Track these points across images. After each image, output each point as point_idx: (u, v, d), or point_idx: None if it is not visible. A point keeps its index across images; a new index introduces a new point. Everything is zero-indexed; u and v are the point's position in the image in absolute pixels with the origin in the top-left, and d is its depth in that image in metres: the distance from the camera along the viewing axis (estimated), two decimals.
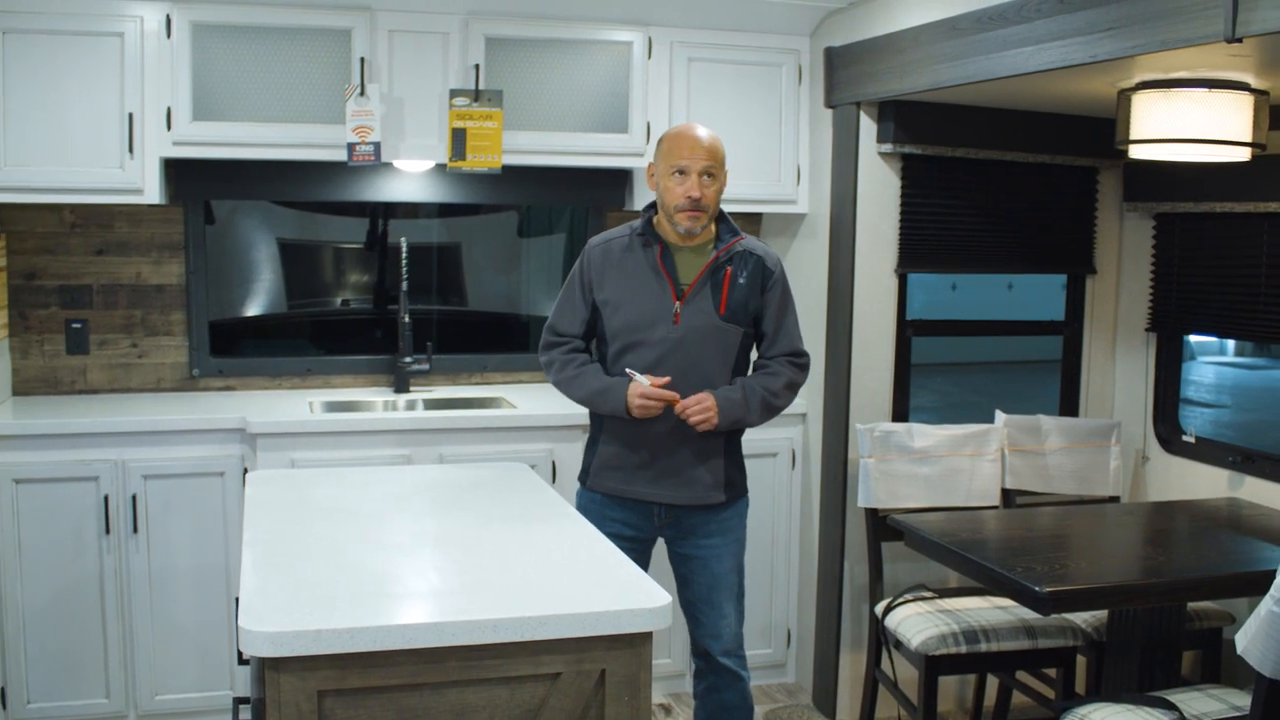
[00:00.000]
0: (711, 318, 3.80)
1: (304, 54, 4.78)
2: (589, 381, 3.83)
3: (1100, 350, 5.46)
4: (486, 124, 4.84)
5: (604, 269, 3.86)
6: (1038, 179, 5.24)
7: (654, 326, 3.77)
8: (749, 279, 3.84)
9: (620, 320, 3.81)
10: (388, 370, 5.50)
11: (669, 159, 3.78)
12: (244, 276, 5.64)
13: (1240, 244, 4.83)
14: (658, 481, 3.84)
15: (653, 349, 3.77)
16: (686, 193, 3.73)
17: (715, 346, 3.81)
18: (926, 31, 4.37)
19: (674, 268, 3.81)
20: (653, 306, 3.79)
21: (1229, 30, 3.11)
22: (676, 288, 3.80)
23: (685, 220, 3.75)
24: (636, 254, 3.85)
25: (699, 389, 3.78)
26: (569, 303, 3.92)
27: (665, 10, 5.01)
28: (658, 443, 3.81)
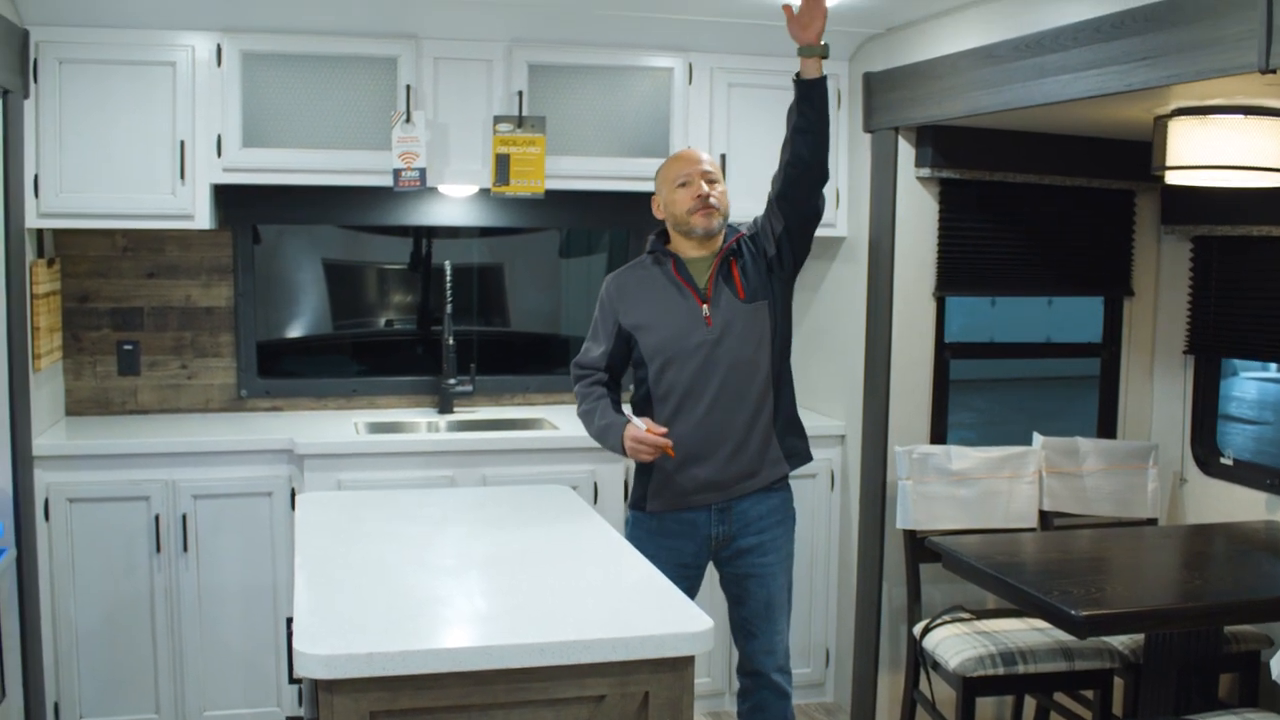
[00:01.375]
0: (738, 307, 3.86)
1: (351, 82, 4.88)
2: (595, 418, 3.92)
3: (1138, 372, 5.48)
4: (529, 149, 4.92)
5: (625, 296, 3.95)
6: (1075, 202, 5.27)
7: (690, 334, 3.84)
8: (750, 257, 3.92)
9: (656, 338, 3.88)
10: (432, 391, 5.59)
11: (670, 178, 3.91)
12: (290, 297, 5.74)
13: (1277, 267, 4.84)
14: (719, 471, 3.88)
15: (694, 356, 3.84)
16: (694, 194, 3.83)
17: (751, 332, 3.87)
18: (964, 58, 4.41)
19: (690, 277, 3.89)
20: (683, 316, 3.85)
21: (1263, 61, 3.14)
22: (699, 293, 3.87)
23: (700, 219, 3.84)
24: (653, 274, 3.94)
25: (748, 379, 3.85)
26: (593, 336, 4.01)
27: (705, 37, 5.08)
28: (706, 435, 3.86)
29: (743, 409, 3.87)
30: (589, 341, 4.02)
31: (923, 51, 4.71)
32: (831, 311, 5.49)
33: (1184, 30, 3.40)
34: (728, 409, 3.85)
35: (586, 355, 4.00)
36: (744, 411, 3.87)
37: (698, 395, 3.84)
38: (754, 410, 3.89)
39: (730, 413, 3.86)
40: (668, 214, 3.93)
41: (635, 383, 3.99)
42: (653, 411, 3.90)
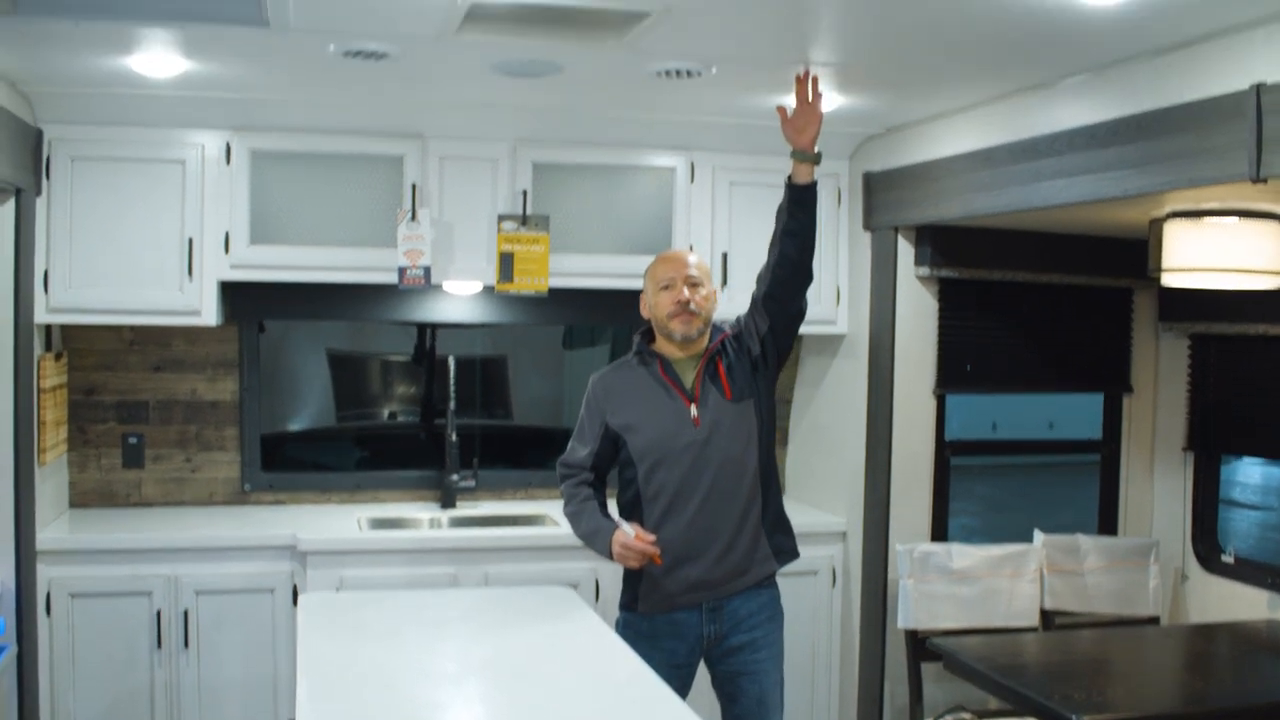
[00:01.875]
0: (725, 406, 3.87)
1: (358, 180, 4.95)
2: (583, 522, 3.92)
3: (1138, 468, 5.49)
4: (534, 248, 4.98)
5: (612, 396, 3.96)
6: (1073, 300, 5.32)
7: (678, 435, 3.85)
8: (735, 356, 3.94)
9: (644, 439, 3.88)
10: (435, 486, 5.60)
11: (655, 279, 3.93)
12: (294, 388, 5.78)
13: (1276, 365, 4.87)
14: (710, 571, 3.87)
15: (683, 456, 3.84)
16: (675, 299, 3.85)
17: (739, 431, 3.88)
18: (961, 161, 4.48)
19: (678, 377, 3.91)
20: (671, 417, 3.86)
21: (1254, 171, 3.20)
22: (686, 393, 3.88)
23: (679, 325, 3.85)
24: (639, 374, 3.95)
25: (738, 478, 3.85)
26: (579, 436, 4.00)
27: (707, 136, 5.15)
28: (696, 535, 3.86)
29: (732, 508, 3.87)
30: (574, 441, 4.02)
31: (921, 153, 4.78)
32: (832, 408, 5.51)
33: (1176, 139, 3.46)
34: (717, 509, 3.85)
35: (573, 455, 4.00)
36: (733, 511, 3.87)
37: (688, 495, 3.84)
38: (743, 509, 3.89)
39: (720, 512, 3.86)
40: (652, 314, 3.96)
41: (622, 483, 3.98)
42: (642, 512, 3.89)
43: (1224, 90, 3.30)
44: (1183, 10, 3.15)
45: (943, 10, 3.25)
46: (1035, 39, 3.50)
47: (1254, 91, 3.17)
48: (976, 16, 3.29)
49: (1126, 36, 3.45)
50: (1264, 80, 3.16)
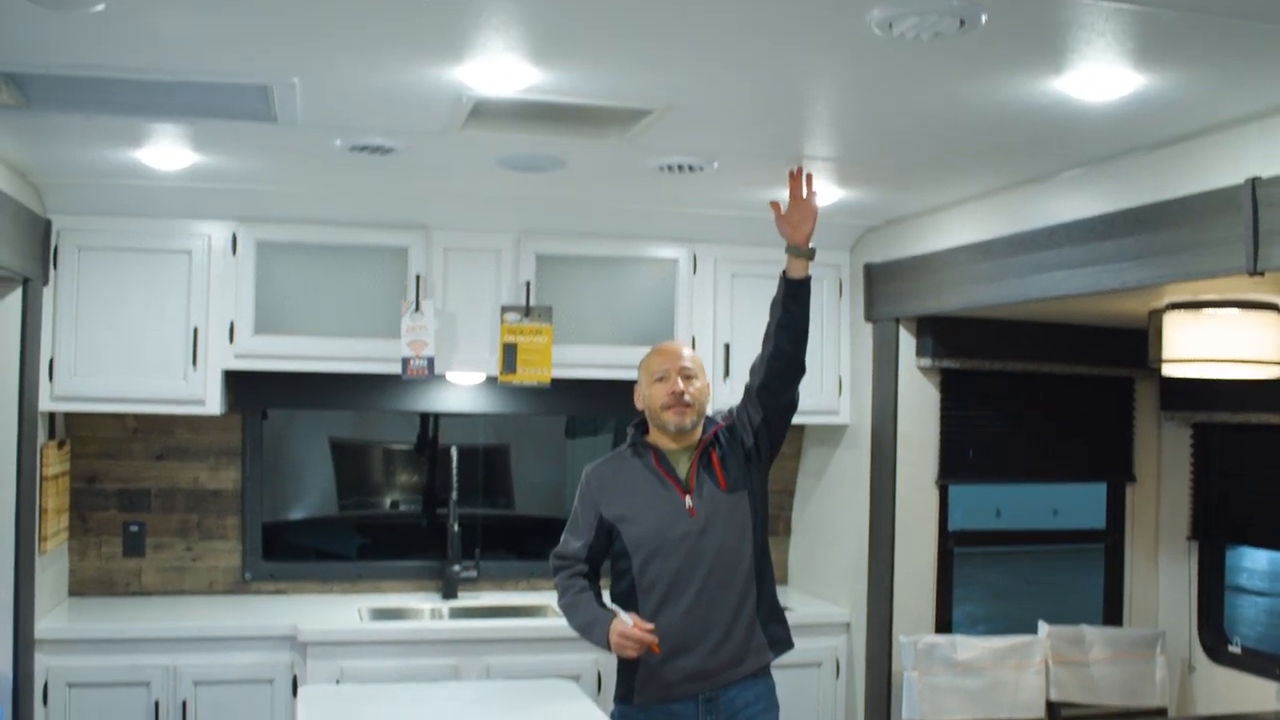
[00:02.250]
0: (720, 497, 3.86)
1: (362, 271, 4.99)
2: (579, 612, 3.87)
3: (1143, 558, 5.48)
4: (536, 339, 5.00)
5: (606, 488, 3.94)
6: (1075, 389, 5.34)
7: (673, 525, 3.82)
8: (729, 447, 3.93)
9: (639, 530, 3.86)
10: (436, 576, 5.57)
11: (650, 371, 3.94)
12: (296, 475, 5.78)
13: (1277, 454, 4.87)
14: (706, 661, 3.83)
15: (679, 547, 3.81)
16: (669, 390, 3.85)
17: (733, 522, 3.87)
18: (961, 253, 4.51)
19: (672, 468, 3.90)
20: (666, 508, 3.85)
21: (1251, 265, 3.23)
22: (681, 484, 3.88)
23: (673, 416, 3.85)
24: (633, 466, 3.93)
25: (733, 568, 3.84)
26: (573, 527, 3.98)
27: (709, 228, 5.19)
28: (692, 626, 3.83)
29: (728, 599, 3.85)
30: (568, 533, 3.99)
31: (921, 245, 4.82)
32: (835, 499, 5.50)
33: (1173, 232, 3.49)
34: (713, 599, 3.83)
35: (566, 547, 3.97)
36: (729, 601, 3.85)
37: (683, 586, 3.82)
38: (739, 599, 3.86)
39: (716, 603, 3.83)
40: (646, 405, 3.97)
41: (616, 574, 3.96)
42: (637, 603, 3.86)
43: (1219, 184, 3.33)
44: (1177, 107, 3.19)
45: (939, 107, 3.30)
46: (1033, 135, 3.55)
47: (1249, 185, 3.21)
48: (973, 113, 3.33)
49: (1122, 132, 3.49)
50: (1259, 174, 3.20)
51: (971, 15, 2.51)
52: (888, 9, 2.50)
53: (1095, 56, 2.80)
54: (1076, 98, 3.12)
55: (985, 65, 2.90)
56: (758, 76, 3.07)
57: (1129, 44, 2.70)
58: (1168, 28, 2.58)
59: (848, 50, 2.81)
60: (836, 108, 3.38)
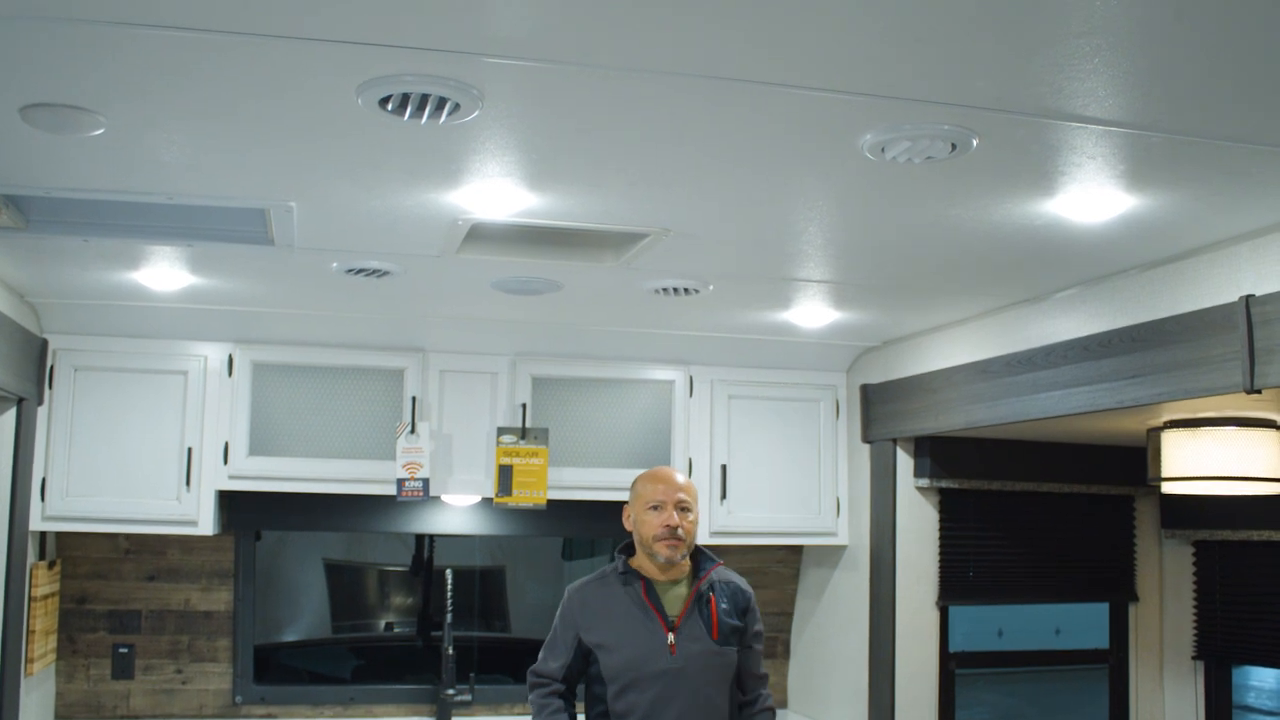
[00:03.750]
0: (707, 644, 3.85)
1: (358, 392, 4.99)
2: None
3: (1148, 678, 5.41)
4: (532, 460, 4.98)
5: (588, 612, 3.91)
6: (1075, 508, 5.31)
7: (651, 660, 3.80)
8: (730, 604, 3.93)
9: (618, 660, 3.83)
10: (430, 700, 5.49)
11: (644, 498, 3.93)
12: (290, 597, 5.72)
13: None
14: None
15: (654, 682, 3.79)
16: (664, 522, 3.85)
17: (715, 672, 3.86)
18: (958, 373, 4.51)
19: (659, 601, 3.88)
20: (647, 642, 3.82)
21: (1248, 382, 3.22)
22: (666, 620, 3.85)
23: (665, 549, 3.85)
24: (618, 593, 3.91)
25: (707, 713, 3.82)
26: (553, 647, 3.96)
27: (705, 350, 5.20)
28: None
29: None
30: (546, 651, 3.97)
31: (918, 365, 4.82)
32: (834, 620, 5.45)
33: (1169, 350, 3.50)
34: None
35: (544, 665, 3.95)
36: None
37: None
38: None
39: None
40: (636, 532, 3.96)
41: (591, 698, 3.93)
42: None
43: (1214, 303, 3.34)
44: (1169, 227, 3.21)
45: (933, 230, 3.32)
46: (1027, 255, 3.56)
47: (1243, 303, 3.22)
48: (967, 235, 3.35)
49: (1116, 252, 3.51)
50: (1253, 292, 3.21)
51: (963, 140, 2.53)
52: (880, 134, 2.52)
53: (1086, 179, 2.82)
54: (1069, 219, 3.14)
55: (978, 188, 2.92)
56: (752, 200, 3.09)
57: (1120, 166, 2.72)
58: (1157, 150, 2.61)
59: (841, 175, 2.84)
60: (830, 231, 3.40)
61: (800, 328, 4.78)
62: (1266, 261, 3.22)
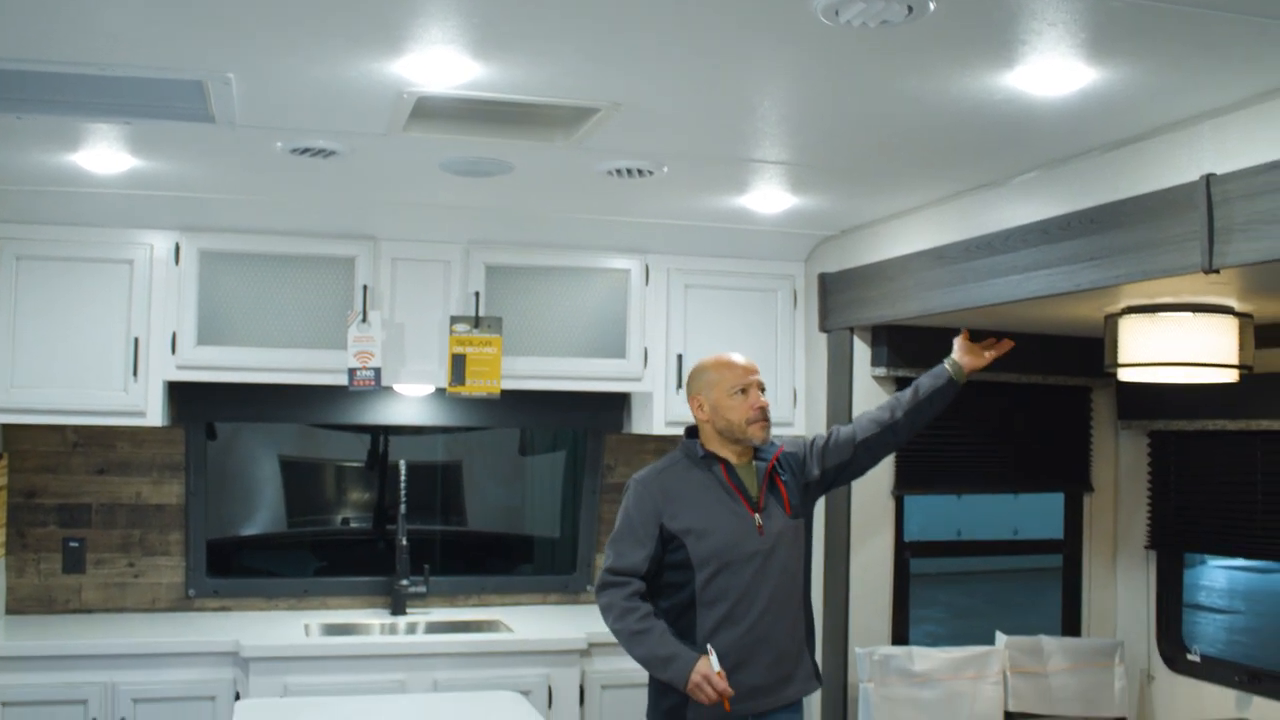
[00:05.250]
0: (784, 520, 3.86)
1: (308, 281, 4.91)
2: (653, 644, 3.72)
3: (1101, 567, 5.44)
4: (486, 349, 4.92)
5: (670, 498, 3.83)
6: (1032, 399, 5.30)
7: (743, 543, 3.78)
8: (792, 476, 3.94)
9: (709, 545, 3.77)
10: (385, 592, 5.48)
11: (724, 384, 3.88)
12: (245, 493, 5.67)
13: (1234, 461, 4.85)
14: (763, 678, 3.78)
15: (747, 564, 3.77)
16: (754, 404, 3.85)
17: (794, 547, 3.89)
18: (916, 260, 4.47)
19: (741, 483, 3.86)
20: (737, 524, 3.80)
21: (1206, 262, 3.19)
22: (751, 501, 3.83)
23: (759, 431, 3.85)
24: (699, 477, 3.86)
25: (792, 592, 3.85)
26: (630, 540, 3.82)
27: (662, 239, 5.14)
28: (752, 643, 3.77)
29: (785, 621, 3.84)
30: (620, 545, 3.83)
31: (876, 253, 4.78)
32: None
33: (1129, 232, 3.46)
34: (774, 618, 3.80)
35: (623, 560, 3.80)
36: (786, 621, 3.84)
37: (749, 603, 3.77)
38: (793, 622, 3.87)
39: (776, 622, 3.81)
40: (718, 418, 3.88)
41: (670, 588, 3.82)
42: (696, 616, 3.77)
43: (1174, 182, 3.30)
44: (1130, 104, 3.16)
45: (890, 105, 3.25)
46: (986, 134, 3.50)
47: (1203, 183, 3.18)
48: (926, 112, 3.28)
49: (1076, 131, 3.45)
50: (1213, 171, 3.16)
51: (919, 2, 2.46)
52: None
53: (1047, 48, 2.75)
54: (1029, 93, 3.07)
55: (935, 57, 2.85)
56: (704, 70, 3.01)
57: (1081, 34, 2.65)
58: (1119, 17, 2.54)
59: (794, 40, 2.75)
60: (784, 105, 3.32)
61: (757, 214, 4.71)
62: (1229, 140, 3.18)
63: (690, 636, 3.73)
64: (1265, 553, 4.83)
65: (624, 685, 4.78)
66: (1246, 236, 3.08)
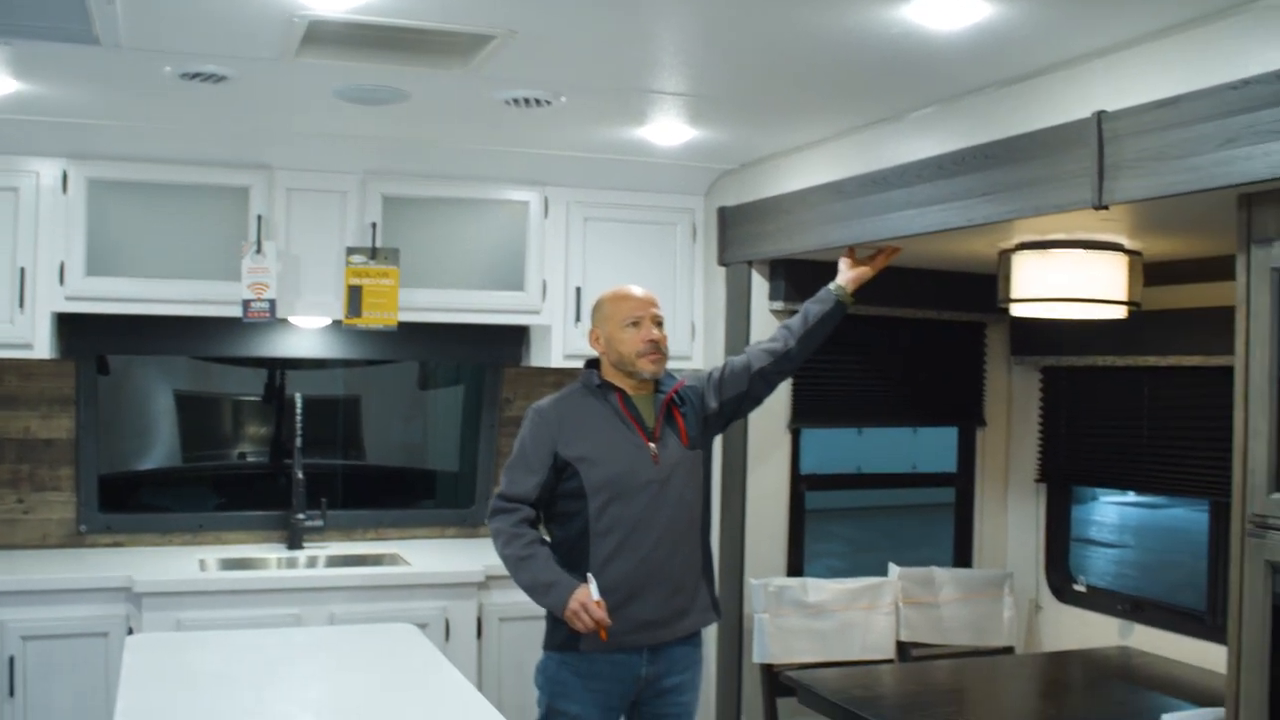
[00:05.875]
0: (682, 451, 3.87)
1: (201, 211, 4.81)
2: (536, 570, 3.74)
3: (992, 500, 5.54)
4: (383, 281, 4.87)
5: (566, 426, 3.83)
6: (927, 334, 5.36)
7: (637, 472, 3.78)
8: (691, 409, 3.95)
9: (602, 473, 3.77)
10: (282, 526, 5.43)
11: (619, 316, 3.87)
12: (138, 428, 5.58)
13: (1122, 396, 4.95)
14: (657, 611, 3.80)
15: (642, 493, 3.77)
16: (645, 337, 3.83)
17: (691, 477, 3.89)
18: (814, 193, 4.48)
19: (637, 413, 3.86)
20: (631, 453, 3.80)
21: (1097, 198, 3.23)
22: (645, 431, 3.83)
23: (649, 364, 3.83)
24: (595, 407, 3.87)
25: (688, 523, 3.85)
26: (523, 467, 3.83)
27: (561, 170, 5.10)
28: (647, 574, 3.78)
29: (680, 552, 3.84)
30: (514, 473, 3.83)
31: (775, 187, 4.78)
32: None
33: (1022, 167, 3.49)
34: (669, 550, 3.81)
35: (514, 487, 3.81)
36: (681, 554, 3.85)
37: (642, 533, 3.77)
38: (689, 554, 3.88)
39: (671, 554, 3.81)
40: (611, 350, 3.88)
41: (563, 516, 3.84)
42: (588, 546, 3.77)
43: (1067, 119, 3.33)
44: (1025, 40, 3.18)
45: (788, 37, 3.24)
46: (883, 69, 3.51)
47: (1095, 119, 3.21)
48: (823, 45, 3.28)
49: (972, 68, 3.48)
50: (1105, 108, 3.20)
51: None
52: None
53: None
54: (926, 27, 3.08)
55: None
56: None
57: None
58: None
59: None
60: (683, 35, 3.30)
61: (657, 146, 4.69)
62: (1121, 77, 3.22)
63: (584, 566, 3.75)
64: (1151, 486, 4.95)
65: (521, 618, 4.78)
66: (1136, 173, 3.13)
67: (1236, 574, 3.01)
